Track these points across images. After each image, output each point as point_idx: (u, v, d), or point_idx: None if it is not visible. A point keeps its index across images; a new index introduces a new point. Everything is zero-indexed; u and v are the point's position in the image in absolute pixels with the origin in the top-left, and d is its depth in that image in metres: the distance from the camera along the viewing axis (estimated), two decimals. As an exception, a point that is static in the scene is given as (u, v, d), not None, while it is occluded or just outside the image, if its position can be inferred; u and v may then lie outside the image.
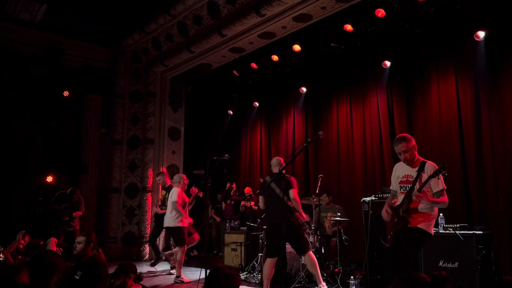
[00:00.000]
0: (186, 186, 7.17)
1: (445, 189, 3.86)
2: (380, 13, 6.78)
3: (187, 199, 7.10)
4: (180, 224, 6.82)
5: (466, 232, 5.37)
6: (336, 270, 6.47)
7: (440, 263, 5.43)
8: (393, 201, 4.13)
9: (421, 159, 4.00)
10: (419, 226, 3.85)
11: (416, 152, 4.01)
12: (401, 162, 4.10)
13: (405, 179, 4.03)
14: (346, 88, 9.05)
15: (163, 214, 7.27)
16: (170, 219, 6.88)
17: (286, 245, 5.42)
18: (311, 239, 6.54)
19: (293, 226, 5.28)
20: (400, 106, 8.02)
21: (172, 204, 6.82)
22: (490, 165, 6.54)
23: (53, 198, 8.10)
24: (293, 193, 5.32)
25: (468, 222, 6.27)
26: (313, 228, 6.64)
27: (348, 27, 7.26)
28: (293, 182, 5.41)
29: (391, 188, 4.27)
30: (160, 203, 8.14)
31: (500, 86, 6.60)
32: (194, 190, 7.37)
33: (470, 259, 5.18)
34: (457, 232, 5.41)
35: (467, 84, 7.02)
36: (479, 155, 6.70)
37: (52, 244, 5.63)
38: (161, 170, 9.39)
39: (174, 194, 6.89)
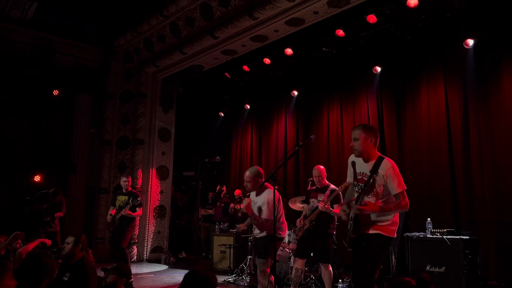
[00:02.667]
0: None
1: (405, 189, 3.40)
2: (372, 19, 6.84)
3: None
4: None
5: (453, 237, 5.44)
6: (325, 273, 6.49)
7: (428, 268, 5.50)
8: (352, 198, 3.65)
9: (378, 154, 3.50)
10: (378, 231, 3.40)
11: (372, 148, 3.49)
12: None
13: (360, 176, 3.52)
14: (337, 92, 9.11)
15: (129, 218, 6.75)
16: None
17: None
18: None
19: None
20: (390, 111, 8.09)
21: None
22: (477, 171, 6.63)
23: (35, 198, 7.96)
24: None
25: (456, 227, 6.35)
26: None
27: (340, 32, 7.32)
28: None
29: (349, 180, 3.76)
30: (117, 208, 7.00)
31: (488, 94, 6.69)
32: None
33: (457, 264, 5.25)
34: (444, 237, 5.49)
35: (456, 91, 7.11)
36: (467, 161, 6.78)
37: (32, 245, 5.43)
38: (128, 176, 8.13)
39: None
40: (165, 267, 9.07)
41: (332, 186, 5.67)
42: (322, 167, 5.88)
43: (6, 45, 9.11)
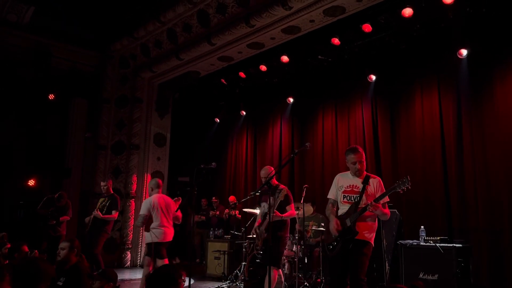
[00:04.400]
0: None
1: (387, 202, 4.06)
2: (367, 28, 6.93)
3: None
4: None
5: (446, 245, 5.48)
6: (319, 280, 6.51)
7: (421, 275, 5.53)
8: (333, 209, 4.25)
9: (365, 172, 4.18)
10: (366, 239, 3.95)
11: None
12: (345, 172, 4.30)
13: (350, 188, 4.14)
14: (332, 100, 9.17)
15: (102, 221, 6.75)
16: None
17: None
18: (294, 248, 6.59)
19: None
20: (384, 119, 8.16)
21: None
22: (471, 180, 6.69)
23: (41, 203, 7.88)
24: None
25: (449, 235, 6.39)
26: (296, 237, 6.68)
27: (336, 41, 7.40)
28: None
29: (330, 197, 4.35)
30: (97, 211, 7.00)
31: (482, 103, 6.78)
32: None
33: (450, 272, 5.29)
34: (437, 244, 5.52)
35: (450, 100, 7.20)
36: (460, 169, 6.85)
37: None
38: (109, 179, 7.96)
39: None
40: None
41: (282, 186, 5.38)
42: (271, 167, 5.58)
43: (2, 48, 9.10)
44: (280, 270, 5.47)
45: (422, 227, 6.00)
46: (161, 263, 5.70)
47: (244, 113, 11.07)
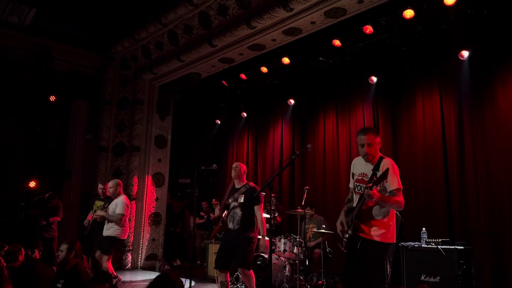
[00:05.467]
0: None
1: (401, 189, 3.42)
2: (368, 30, 6.92)
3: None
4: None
5: (448, 247, 5.47)
6: (320, 282, 6.49)
7: (422, 277, 5.51)
8: (347, 204, 3.72)
9: (380, 154, 3.57)
10: (375, 239, 3.38)
11: (378, 150, 3.60)
12: (360, 157, 3.66)
13: (361, 177, 3.58)
14: (333, 102, 9.17)
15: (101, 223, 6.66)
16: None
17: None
18: (295, 250, 6.57)
19: None
20: (385, 121, 8.15)
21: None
22: (472, 182, 6.67)
23: (31, 203, 7.89)
24: None
25: (450, 237, 6.37)
26: (297, 240, 6.67)
27: (337, 42, 7.39)
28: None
29: (350, 186, 3.81)
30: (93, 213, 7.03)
31: (483, 105, 6.77)
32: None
33: (452, 274, 5.27)
34: (439, 246, 5.51)
35: (451, 101, 7.19)
36: (462, 171, 6.83)
37: None
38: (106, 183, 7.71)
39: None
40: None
41: (251, 184, 5.35)
42: (242, 164, 5.50)
43: (3, 50, 9.11)
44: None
45: (423, 229, 5.99)
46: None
47: (245, 114, 11.06)
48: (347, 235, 3.47)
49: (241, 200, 5.17)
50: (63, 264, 3.83)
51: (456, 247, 5.44)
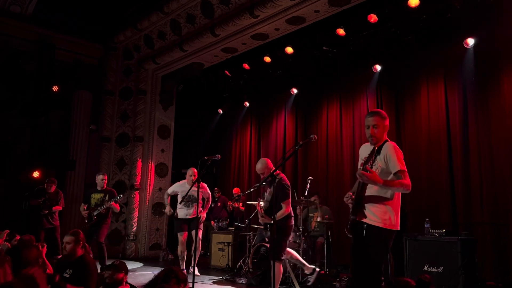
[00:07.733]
0: None
1: (405, 171, 3.19)
2: (373, 19, 6.85)
3: None
4: None
5: (451, 237, 5.45)
6: (323, 272, 6.51)
7: (425, 268, 5.51)
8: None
9: (386, 138, 3.40)
10: (375, 224, 3.20)
11: (386, 135, 3.44)
12: (368, 143, 3.50)
13: (363, 161, 3.43)
14: (336, 91, 9.11)
15: (105, 214, 6.82)
16: None
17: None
18: (298, 240, 6.59)
19: None
20: (389, 110, 8.08)
21: None
22: (476, 173, 6.63)
23: (32, 193, 7.87)
24: None
25: (454, 228, 6.37)
26: (301, 229, 6.68)
27: (341, 31, 7.32)
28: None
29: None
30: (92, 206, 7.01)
31: (487, 93, 6.70)
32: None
33: (455, 264, 5.26)
34: (442, 237, 5.49)
35: (455, 90, 7.12)
36: (466, 162, 6.79)
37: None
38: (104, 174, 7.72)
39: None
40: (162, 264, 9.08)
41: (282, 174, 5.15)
42: (268, 160, 5.28)
43: (5, 40, 9.09)
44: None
45: (427, 219, 5.97)
46: None
47: (248, 104, 11.03)
48: (350, 218, 3.30)
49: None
50: (71, 255, 3.88)
51: (459, 237, 5.42)
